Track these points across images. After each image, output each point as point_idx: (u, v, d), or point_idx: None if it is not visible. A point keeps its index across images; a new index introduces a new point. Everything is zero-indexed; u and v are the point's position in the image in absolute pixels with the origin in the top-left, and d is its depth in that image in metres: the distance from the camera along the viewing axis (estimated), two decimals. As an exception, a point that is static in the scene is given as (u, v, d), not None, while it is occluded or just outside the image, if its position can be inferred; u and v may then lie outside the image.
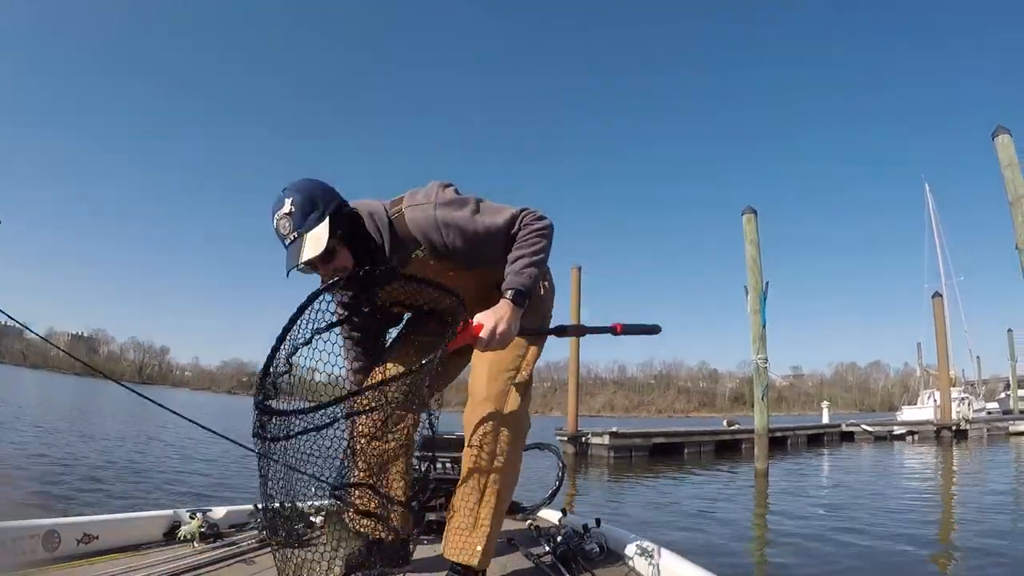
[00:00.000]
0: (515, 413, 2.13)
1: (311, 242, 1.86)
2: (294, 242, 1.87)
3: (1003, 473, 14.48)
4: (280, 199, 1.90)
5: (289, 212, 1.88)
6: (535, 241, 2.05)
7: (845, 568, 5.22)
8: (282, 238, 1.89)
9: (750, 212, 13.62)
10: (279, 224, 1.89)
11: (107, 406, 30.17)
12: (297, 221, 1.87)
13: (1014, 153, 10.74)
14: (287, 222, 1.88)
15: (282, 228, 1.88)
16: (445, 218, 2.02)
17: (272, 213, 1.90)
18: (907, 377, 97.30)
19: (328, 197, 1.96)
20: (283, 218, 1.88)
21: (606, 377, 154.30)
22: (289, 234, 1.87)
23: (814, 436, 23.98)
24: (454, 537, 2.05)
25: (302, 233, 1.87)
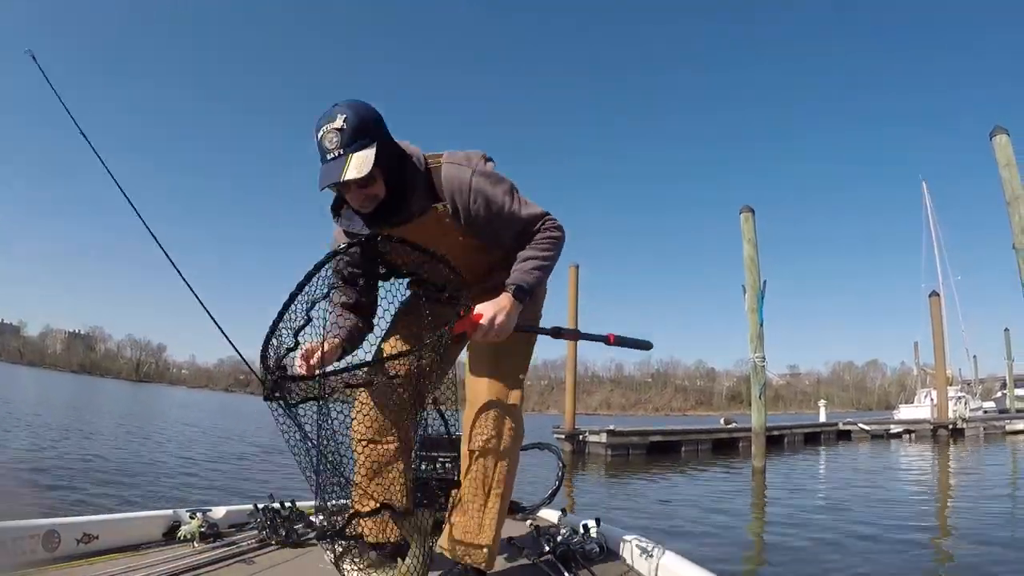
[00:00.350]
0: (516, 414, 2.16)
1: (356, 163, 1.80)
2: (337, 159, 1.81)
3: (999, 471, 14.53)
4: (331, 112, 1.83)
5: (340, 128, 1.80)
6: (549, 247, 2.09)
7: (844, 566, 5.22)
8: (324, 151, 1.82)
9: (748, 211, 13.64)
10: (325, 136, 1.81)
11: (104, 404, 30.17)
12: (346, 138, 1.80)
13: (1012, 153, 10.76)
14: (335, 137, 1.80)
15: (328, 141, 1.81)
16: (479, 186, 2.01)
17: (318, 124, 1.83)
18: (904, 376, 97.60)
19: (379, 124, 1.90)
20: (332, 132, 1.81)
21: (603, 375, 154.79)
22: (334, 149, 1.80)
23: (811, 435, 24.01)
24: (461, 538, 2.07)
25: (348, 152, 1.81)
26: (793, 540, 6.23)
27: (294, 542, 2.51)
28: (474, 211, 2.02)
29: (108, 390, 59.07)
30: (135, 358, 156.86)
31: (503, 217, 2.05)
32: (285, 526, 2.56)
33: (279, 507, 2.68)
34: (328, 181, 1.82)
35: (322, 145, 1.82)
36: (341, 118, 1.80)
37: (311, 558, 2.33)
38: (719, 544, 6.12)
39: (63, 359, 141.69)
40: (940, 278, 39.85)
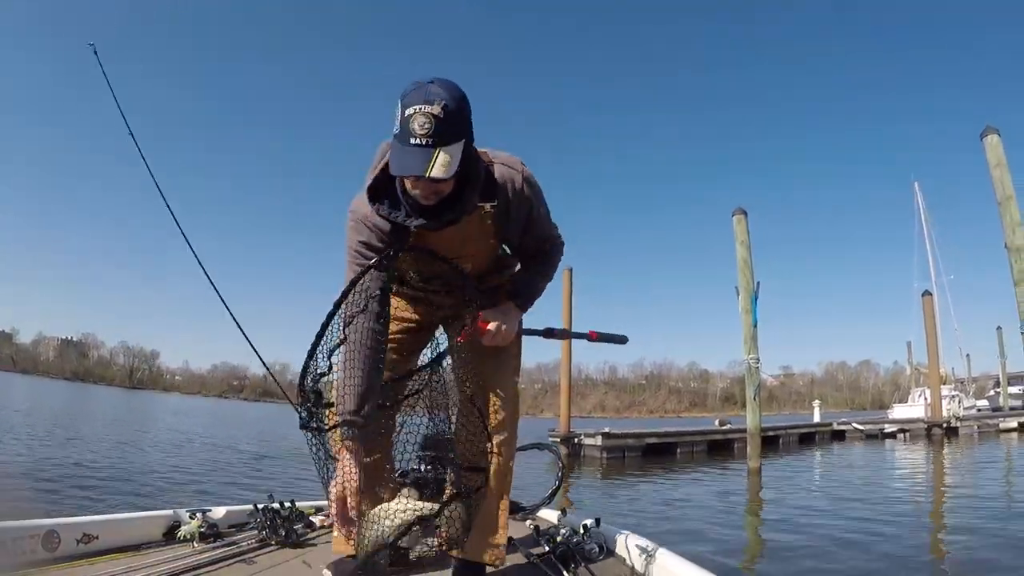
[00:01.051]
0: (516, 415, 2.21)
1: (443, 160, 1.64)
2: (423, 147, 1.63)
3: (994, 469, 14.58)
4: (429, 92, 1.65)
5: (437, 115, 1.62)
6: (553, 267, 2.21)
7: (842, 565, 5.24)
8: (410, 134, 1.63)
9: (740, 213, 13.68)
10: (415, 119, 1.62)
11: (99, 410, 30.09)
12: (439, 128, 1.63)
13: (1003, 153, 10.84)
14: (428, 124, 1.62)
15: (417, 125, 1.62)
16: (527, 191, 1.99)
17: (409, 99, 1.65)
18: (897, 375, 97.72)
19: (469, 119, 1.75)
20: (425, 117, 1.62)
21: (597, 378, 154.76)
22: (423, 136, 1.62)
23: (806, 435, 24.10)
24: (477, 538, 2.11)
25: (438, 145, 1.64)
26: (790, 540, 6.25)
27: (294, 542, 2.52)
28: (516, 214, 2.00)
29: (102, 397, 58.83)
30: (128, 365, 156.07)
31: (534, 221, 2.07)
32: (285, 526, 2.56)
33: (279, 507, 2.69)
34: (409, 171, 1.68)
35: (409, 126, 1.63)
36: (440, 104, 1.63)
37: (311, 558, 2.33)
38: (717, 544, 6.12)
39: (56, 366, 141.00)
40: (933, 277, 39.97)
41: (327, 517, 2.81)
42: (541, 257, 2.18)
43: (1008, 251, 10.70)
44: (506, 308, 2.10)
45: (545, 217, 2.11)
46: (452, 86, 1.69)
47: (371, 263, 1.80)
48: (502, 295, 2.17)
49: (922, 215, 41.91)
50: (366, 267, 1.79)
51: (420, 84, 1.66)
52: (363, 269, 1.79)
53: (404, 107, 1.64)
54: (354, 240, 1.94)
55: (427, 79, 1.68)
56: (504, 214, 1.98)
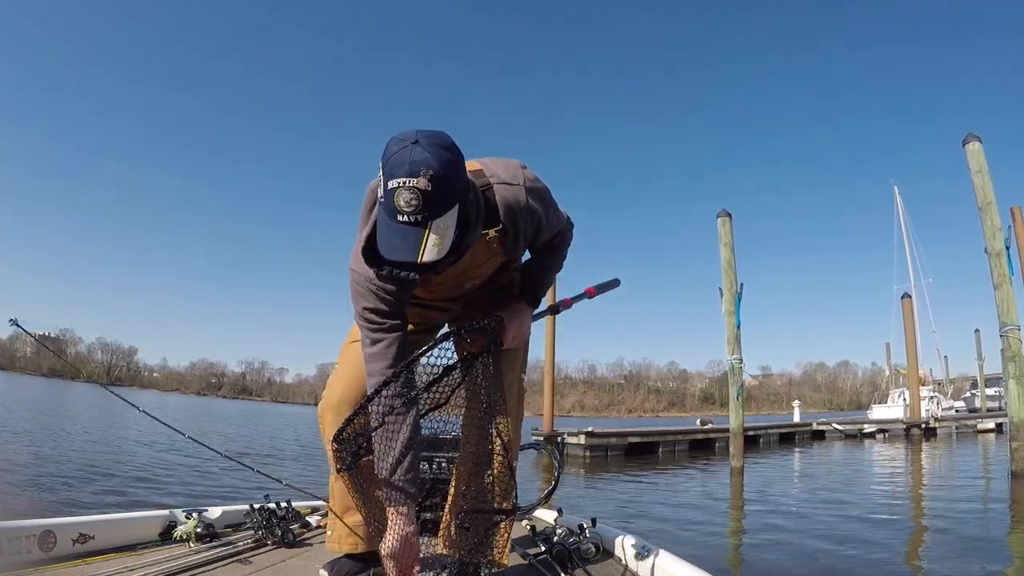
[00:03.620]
0: (521, 417, 2.21)
1: (435, 240, 1.49)
2: (412, 226, 1.47)
3: (971, 468, 14.82)
4: (413, 162, 1.45)
5: (424, 190, 1.44)
6: (562, 258, 2.16)
7: (830, 562, 5.31)
8: (395, 210, 1.46)
9: (725, 215, 13.80)
10: (401, 196, 1.45)
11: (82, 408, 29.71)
12: (427, 203, 1.46)
13: (984, 160, 11.02)
14: (415, 200, 1.44)
15: (404, 202, 1.45)
16: (532, 205, 1.87)
17: (391, 171, 1.47)
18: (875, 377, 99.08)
19: (462, 174, 1.58)
20: (410, 192, 1.44)
21: (576, 377, 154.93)
22: (411, 214, 1.46)
23: (786, 435, 24.29)
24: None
25: (428, 219, 1.47)
26: (776, 538, 6.33)
27: (290, 542, 2.51)
28: (524, 231, 1.91)
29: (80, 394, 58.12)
30: (106, 361, 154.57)
31: (545, 231, 2.01)
32: (281, 526, 2.56)
33: (275, 507, 2.68)
34: (401, 257, 1.51)
35: (395, 201, 1.46)
36: (426, 176, 1.44)
37: (307, 558, 2.33)
38: (704, 543, 6.19)
39: (33, 363, 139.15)
40: (912, 280, 40.53)
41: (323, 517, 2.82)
42: (551, 250, 2.13)
43: (988, 256, 10.89)
44: (519, 308, 2.07)
45: (554, 216, 2.01)
46: (438, 146, 1.50)
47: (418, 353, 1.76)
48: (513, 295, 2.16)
49: (901, 218, 42.49)
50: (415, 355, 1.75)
51: (402, 145, 1.48)
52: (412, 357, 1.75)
53: (387, 177, 1.48)
54: (360, 306, 1.83)
55: (410, 136, 1.49)
56: (511, 235, 1.89)
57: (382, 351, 1.83)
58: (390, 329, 1.83)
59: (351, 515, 2.09)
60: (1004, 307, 10.89)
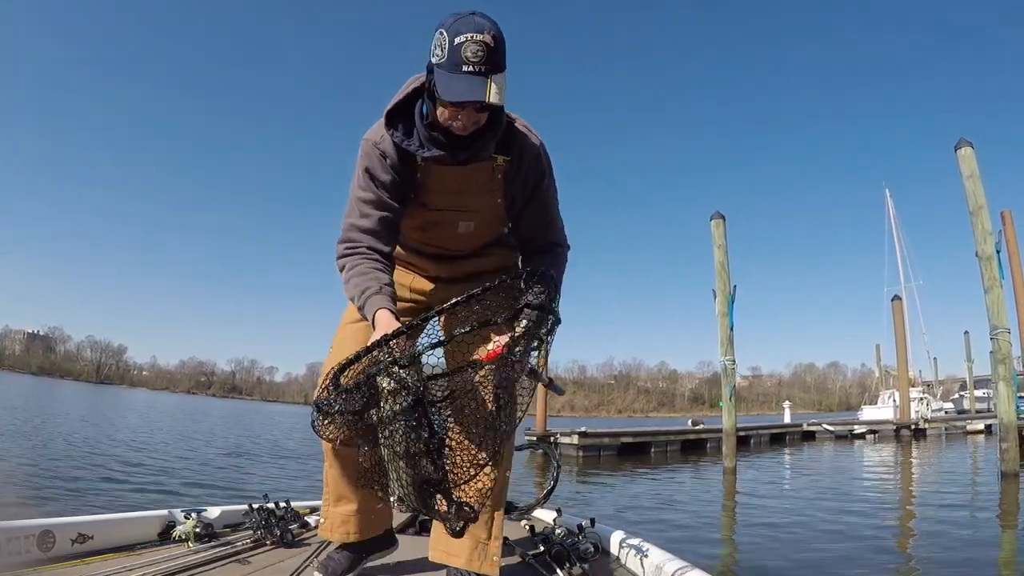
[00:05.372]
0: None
1: (497, 88, 1.65)
2: (477, 75, 1.63)
3: (960, 468, 14.92)
4: (478, 21, 1.64)
5: (488, 44, 1.63)
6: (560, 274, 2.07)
7: (824, 561, 5.34)
8: (462, 61, 1.62)
9: (719, 218, 13.85)
10: (468, 47, 1.62)
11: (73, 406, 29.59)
12: (491, 56, 1.63)
13: (976, 165, 11.10)
14: (481, 52, 1.62)
15: (471, 53, 1.62)
16: (543, 159, 1.99)
17: (458, 28, 1.63)
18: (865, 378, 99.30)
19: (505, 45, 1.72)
20: (478, 45, 1.62)
21: (566, 377, 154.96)
22: (477, 64, 1.62)
23: (777, 435, 24.34)
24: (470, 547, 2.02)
25: (490, 72, 1.64)
26: (770, 536, 6.37)
27: (288, 542, 2.51)
28: (526, 177, 1.98)
29: (71, 392, 57.81)
30: (95, 360, 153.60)
31: (541, 199, 2.04)
32: (280, 526, 2.55)
33: (273, 507, 2.67)
34: (467, 97, 1.65)
35: (462, 53, 1.62)
36: (490, 33, 1.64)
37: (306, 558, 2.33)
38: (698, 542, 6.22)
39: (22, 360, 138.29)
40: (902, 282, 40.70)
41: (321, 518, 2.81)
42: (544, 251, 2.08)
43: (979, 259, 10.97)
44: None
45: (553, 197, 2.08)
46: (493, 21, 1.67)
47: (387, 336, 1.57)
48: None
49: (892, 220, 42.67)
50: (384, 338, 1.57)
51: (462, 14, 1.65)
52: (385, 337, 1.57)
53: (452, 35, 1.63)
54: (361, 168, 1.91)
55: (467, 10, 1.66)
56: (516, 171, 1.97)
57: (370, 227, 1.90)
58: (384, 206, 1.91)
59: (344, 504, 2.07)
60: (994, 310, 10.97)
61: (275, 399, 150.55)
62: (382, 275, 1.86)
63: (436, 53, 1.68)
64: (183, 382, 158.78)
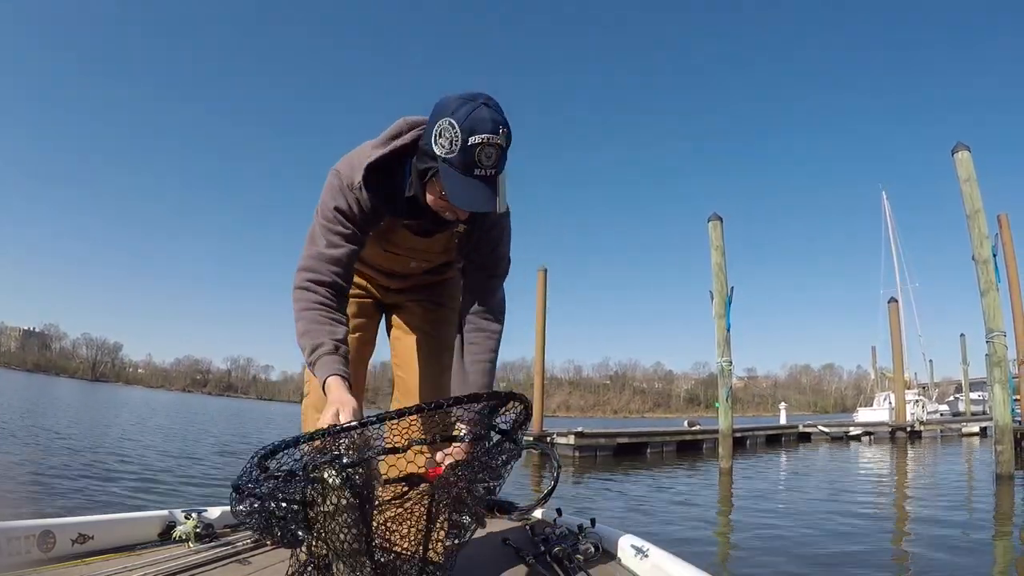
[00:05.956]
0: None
1: (502, 192, 1.59)
2: (488, 179, 1.56)
3: (956, 471, 14.96)
4: (495, 121, 1.53)
5: (502, 145, 1.54)
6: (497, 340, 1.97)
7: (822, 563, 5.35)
8: (475, 164, 1.53)
9: (716, 219, 13.85)
10: (484, 150, 1.52)
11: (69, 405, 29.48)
12: (503, 158, 1.55)
13: (973, 169, 11.14)
14: (495, 154, 1.53)
15: (485, 156, 1.53)
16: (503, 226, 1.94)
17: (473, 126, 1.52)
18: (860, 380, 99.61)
19: None
20: (493, 148, 1.53)
21: (561, 377, 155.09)
22: (489, 168, 1.54)
23: (772, 437, 24.37)
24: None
25: (497, 174, 1.57)
26: (767, 537, 6.38)
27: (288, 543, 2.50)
28: (480, 240, 1.93)
29: (67, 390, 57.61)
30: (91, 357, 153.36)
31: (495, 255, 1.98)
32: (280, 526, 2.54)
33: (274, 508, 2.67)
34: (484, 208, 1.59)
35: (476, 156, 1.53)
36: (505, 133, 1.54)
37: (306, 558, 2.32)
38: (697, 542, 6.23)
39: (17, 357, 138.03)
40: (898, 284, 40.80)
41: None
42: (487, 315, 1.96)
43: (975, 263, 11.00)
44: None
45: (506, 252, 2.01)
46: (499, 107, 1.58)
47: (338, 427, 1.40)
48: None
49: (889, 223, 42.76)
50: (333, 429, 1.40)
51: (475, 104, 1.55)
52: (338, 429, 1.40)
53: (466, 133, 1.52)
54: (330, 204, 1.79)
55: (477, 97, 1.56)
56: (473, 236, 1.92)
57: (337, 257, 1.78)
58: (351, 239, 1.81)
59: None
60: (990, 313, 11.01)
61: (270, 397, 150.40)
62: (337, 329, 1.74)
63: (443, 145, 1.56)
64: (179, 380, 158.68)
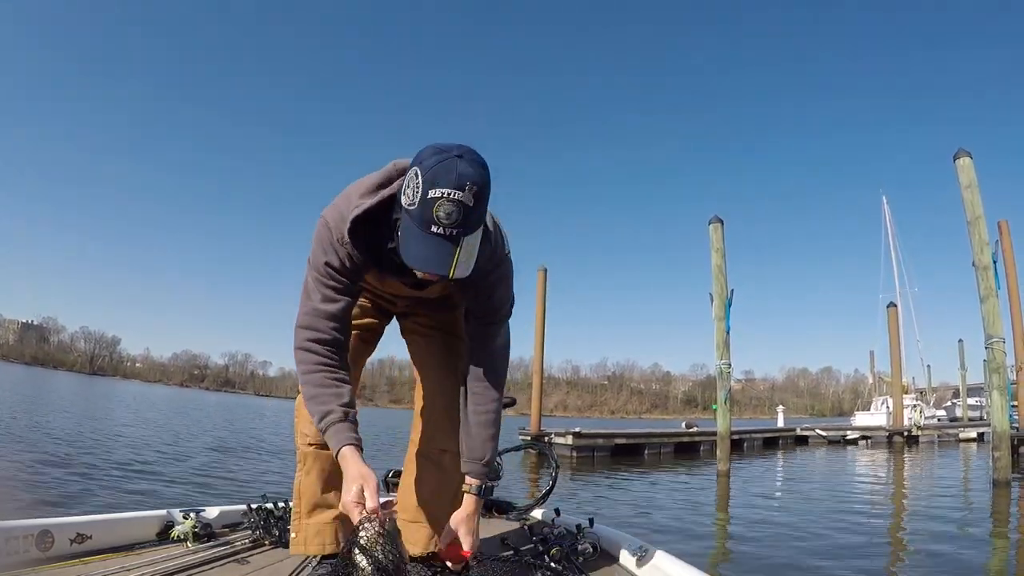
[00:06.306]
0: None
1: (465, 256, 1.45)
2: (447, 239, 1.42)
3: (952, 476, 14.98)
4: (460, 175, 1.39)
5: (467, 203, 1.40)
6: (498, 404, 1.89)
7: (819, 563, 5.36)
8: (432, 221, 1.40)
9: (717, 222, 13.86)
10: (443, 207, 1.39)
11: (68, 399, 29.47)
12: (466, 217, 1.41)
13: (974, 175, 11.15)
14: (456, 213, 1.39)
15: (444, 214, 1.39)
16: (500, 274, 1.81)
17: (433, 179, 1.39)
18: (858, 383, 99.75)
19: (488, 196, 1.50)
20: (455, 205, 1.39)
21: (559, 377, 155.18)
22: (449, 227, 1.40)
23: (770, 439, 24.45)
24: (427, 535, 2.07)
25: (461, 235, 1.43)
26: (764, 540, 6.38)
27: (287, 542, 2.49)
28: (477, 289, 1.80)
29: (65, 383, 57.56)
30: (89, 351, 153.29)
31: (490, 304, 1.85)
32: (279, 526, 2.54)
33: (272, 507, 2.67)
34: (433, 270, 1.46)
35: (433, 212, 1.40)
36: (471, 189, 1.40)
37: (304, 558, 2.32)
38: (695, 543, 6.23)
39: (15, 350, 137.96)
40: (897, 289, 40.86)
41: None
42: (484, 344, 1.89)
43: (976, 269, 11.01)
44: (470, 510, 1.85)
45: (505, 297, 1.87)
46: (480, 161, 1.45)
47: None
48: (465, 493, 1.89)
49: (889, 228, 42.81)
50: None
51: (445, 156, 1.42)
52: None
53: (427, 185, 1.40)
54: (321, 259, 1.70)
55: (452, 149, 1.43)
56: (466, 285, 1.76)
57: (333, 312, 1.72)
58: (345, 292, 1.74)
59: (319, 513, 2.04)
60: (990, 320, 11.03)
61: (268, 393, 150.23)
62: (343, 391, 1.69)
63: (408, 195, 1.46)
64: (176, 375, 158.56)
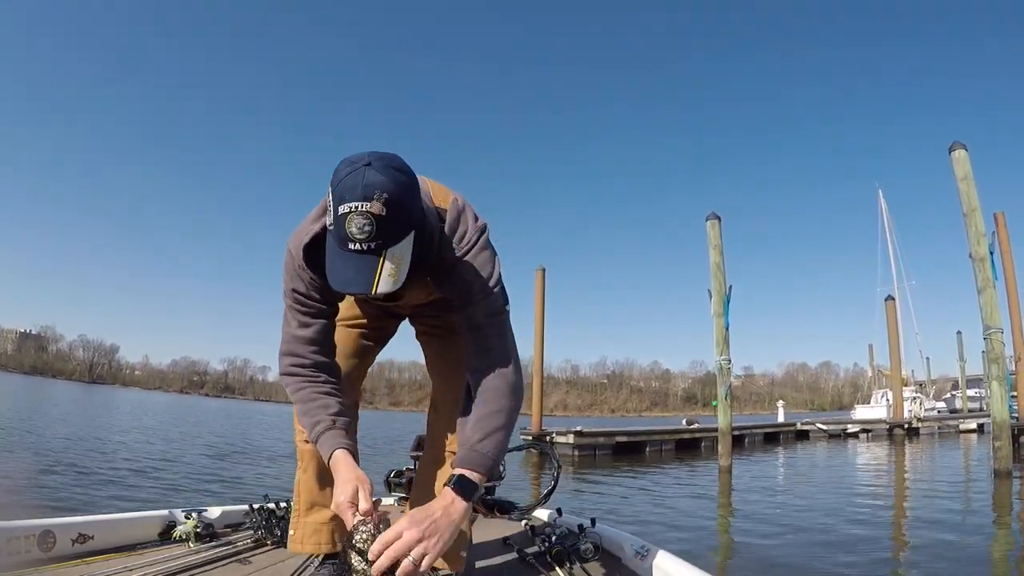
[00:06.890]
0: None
1: (390, 269, 1.35)
2: (365, 254, 1.33)
3: (953, 467, 15.04)
4: (366, 185, 1.30)
5: (378, 214, 1.29)
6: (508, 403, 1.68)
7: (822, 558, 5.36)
8: (347, 238, 1.31)
9: (714, 219, 13.88)
10: (354, 222, 1.30)
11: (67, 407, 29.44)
12: (381, 230, 1.31)
13: (969, 167, 11.18)
14: (368, 225, 1.30)
15: (356, 229, 1.30)
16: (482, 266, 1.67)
17: (342, 194, 1.31)
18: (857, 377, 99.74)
19: (418, 201, 1.43)
20: (365, 218, 1.29)
21: (559, 376, 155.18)
22: (364, 242, 1.31)
23: (771, 434, 24.49)
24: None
25: (382, 247, 1.33)
26: (767, 536, 6.39)
27: (286, 543, 2.50)
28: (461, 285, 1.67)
29: (64, 392, 57.46)
30: (88, 359, 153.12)
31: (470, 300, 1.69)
32: (280, 526, 2.54)
33: (274, 507, 2.66)
34: (355, 289, 1.39)
35: (346, 228, 1.31)
36: (380, 199, 1.29)
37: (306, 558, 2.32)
38: (695, 541, 6.22)
39: (14, 360, 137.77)
40: (895, 282, 40.82)
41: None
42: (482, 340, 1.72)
43: (972, 261, 11.04)
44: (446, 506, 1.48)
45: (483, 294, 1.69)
46: (393, 168, 1.35)
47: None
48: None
49: (885, 221, 42.79)
50: None
51: (353, 167, 1.33)
52: None
53: (337, 202, 1.32)
54: (289, 286, 1.68)
55: (362, 159, 1.34)
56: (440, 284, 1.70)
57: (310, 336, 1.69)
58: (319, 315, 1.70)
59: (317, 512, 1.99)
60: (988, 311, 11.06)
61: (268, 398, 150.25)
62: (329, 402, 1.67)
63: (328, 213, 1.38)
64: (176, 381, 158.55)
